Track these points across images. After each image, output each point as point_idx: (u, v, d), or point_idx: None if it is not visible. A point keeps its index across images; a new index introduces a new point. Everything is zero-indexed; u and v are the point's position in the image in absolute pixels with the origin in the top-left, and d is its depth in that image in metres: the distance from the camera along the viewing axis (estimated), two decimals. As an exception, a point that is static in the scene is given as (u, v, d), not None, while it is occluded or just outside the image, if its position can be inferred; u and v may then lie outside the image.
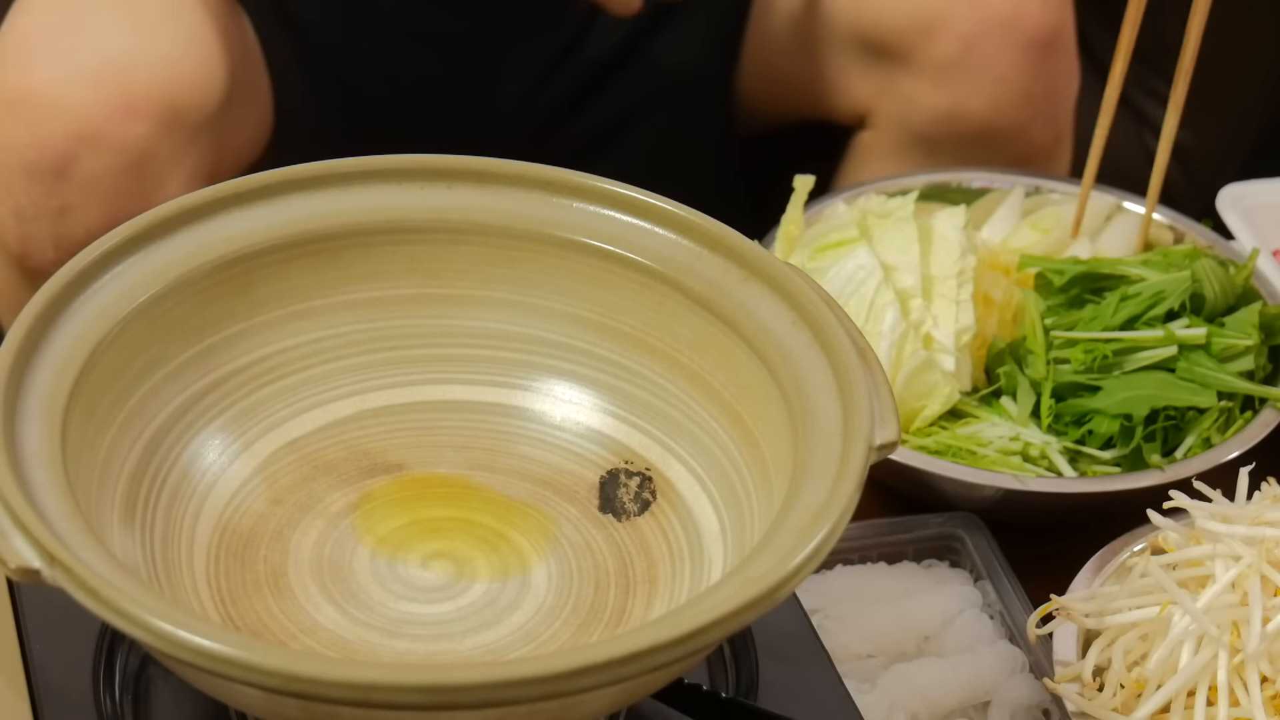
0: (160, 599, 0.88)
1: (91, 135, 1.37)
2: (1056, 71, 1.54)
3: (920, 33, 1.51)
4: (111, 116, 1.37)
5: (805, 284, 0.98)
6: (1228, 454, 1.23)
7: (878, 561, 1.22)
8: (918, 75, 1.52)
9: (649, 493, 1.01)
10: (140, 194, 1.39)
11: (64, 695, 0.97)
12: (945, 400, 1.26)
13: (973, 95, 1.52)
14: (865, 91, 1.57)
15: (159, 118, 1.38)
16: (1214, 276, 1.32)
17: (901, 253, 1.28)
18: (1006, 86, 1.52)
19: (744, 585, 0.83)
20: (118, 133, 1.37)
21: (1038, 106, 1.54)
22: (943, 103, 1.52)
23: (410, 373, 1.05)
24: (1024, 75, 1.52)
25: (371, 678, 0.78)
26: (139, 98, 1.37)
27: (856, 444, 0.90)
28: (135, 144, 1.38)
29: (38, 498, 0.85)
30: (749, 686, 1.01)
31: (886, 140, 1.58)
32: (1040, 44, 1.51)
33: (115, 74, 1.37)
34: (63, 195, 1.39)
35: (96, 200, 1.39)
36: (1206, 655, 1.01)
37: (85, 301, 0.95)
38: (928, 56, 1.51)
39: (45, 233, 1.40)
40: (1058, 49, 1.53)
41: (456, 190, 1.04)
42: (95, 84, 1.37)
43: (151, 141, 1.39)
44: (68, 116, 1.37)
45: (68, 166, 1.38)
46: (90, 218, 1.39)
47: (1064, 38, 1.54)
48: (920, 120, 1.54)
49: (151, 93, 1.38)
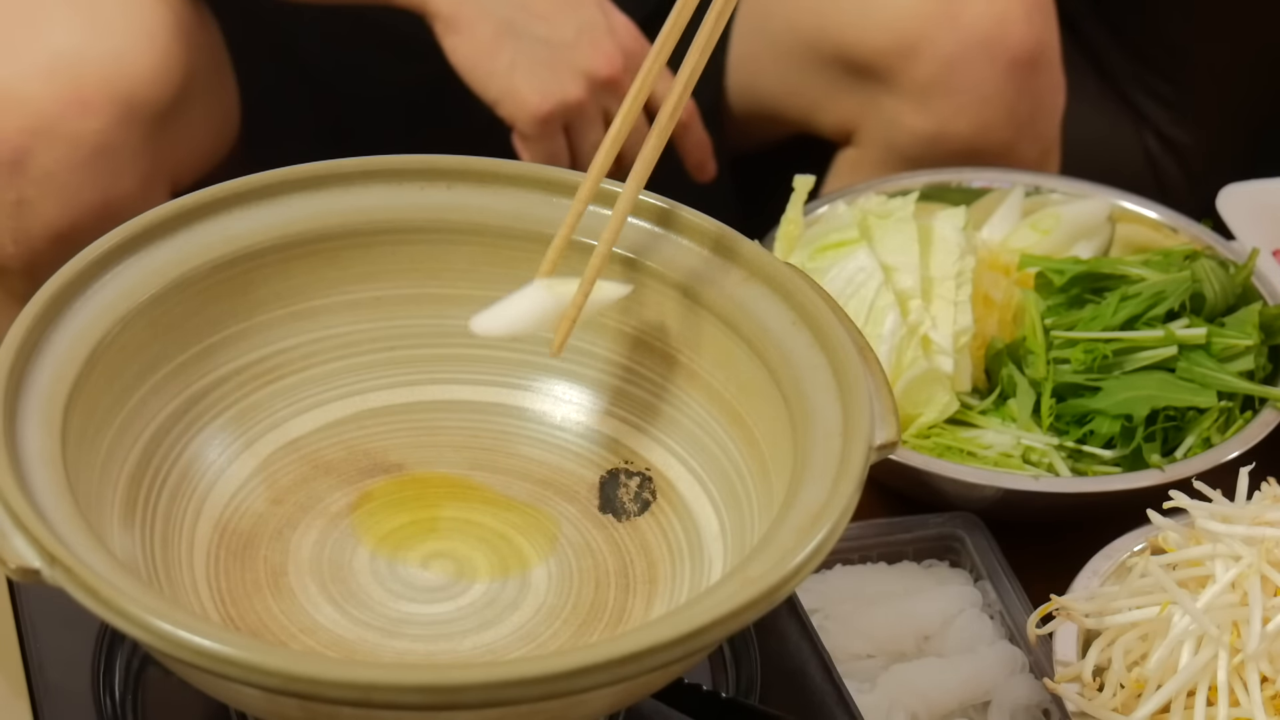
0: (160, 599, 0.88)
1: (45, 129, 1.37)
2: (1041, 89, 1.53)
3: (901, 55, 1.50)
4: (65, 110, 1.37)
5: (805, 284, 0.98)
6: (1228, 454, 1.23)
7: (878, 561, 1.22)
8: (901, 96, 1.52)
9: (649, 493, 1.01)
10: (97, 188, 1.39)
11: (64, 695, 0.97)
12: (943, 410, 1.26)
13: (956, 117, 1.51)
14: (849, 109, 1.56)
15: (112, 112, 1.38)
16: (1214, 276, 1.32)
17: (901, 253, 1.28)
18: (991, 107, 1.51)
19: (744, 585, 0.83)
20: (71, 126, 1.37)
21: (1023, 125, 1.53)
22: (927, 124, 1.52)
23: (410, 373, 1.05)
24: (1008, 95, 1.51)
25: (371, 678, 0.78)
26: (91, 91, 1.37)
27: (856, 444, 0.90)
28: (89, 138, 1.38)
29: (38, 498, 0.85)
30: (749, 686, 1.01)
31: (871, 157, 1.57)
32: (1024, 63, 1.50)
33: (67, 68, 1.37)
34: (19, 189, 1.39)
35: (53, 194, 1.39)
36: (1206, 655, 1.01)
37: (85, 301, 0.95)
38: (910, 78, 1.50)
39: (3, 227, 1.40)
40: (1041, 66, 1.52)
41: (456, 190, 1.04)
42: (47, 78, 1.37)
43: (106, 136, 1.38)
44: (20, 110, 1.37)
45: (22, 160, 1.38)
46: (47, 212, 1.39)
47: (1048, 55, 1.52)
48: (905, 140, 1.53)
49: (104, 86, 1.38)
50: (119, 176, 1.40)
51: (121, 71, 1.39)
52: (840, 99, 1.56)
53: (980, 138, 1.52)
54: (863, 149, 1.58)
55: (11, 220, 1.40)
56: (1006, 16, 1.48)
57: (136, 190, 1.42)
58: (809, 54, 1.55)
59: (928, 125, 1.51)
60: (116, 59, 1.39)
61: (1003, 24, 1.48)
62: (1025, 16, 1.49)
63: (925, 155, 1.52)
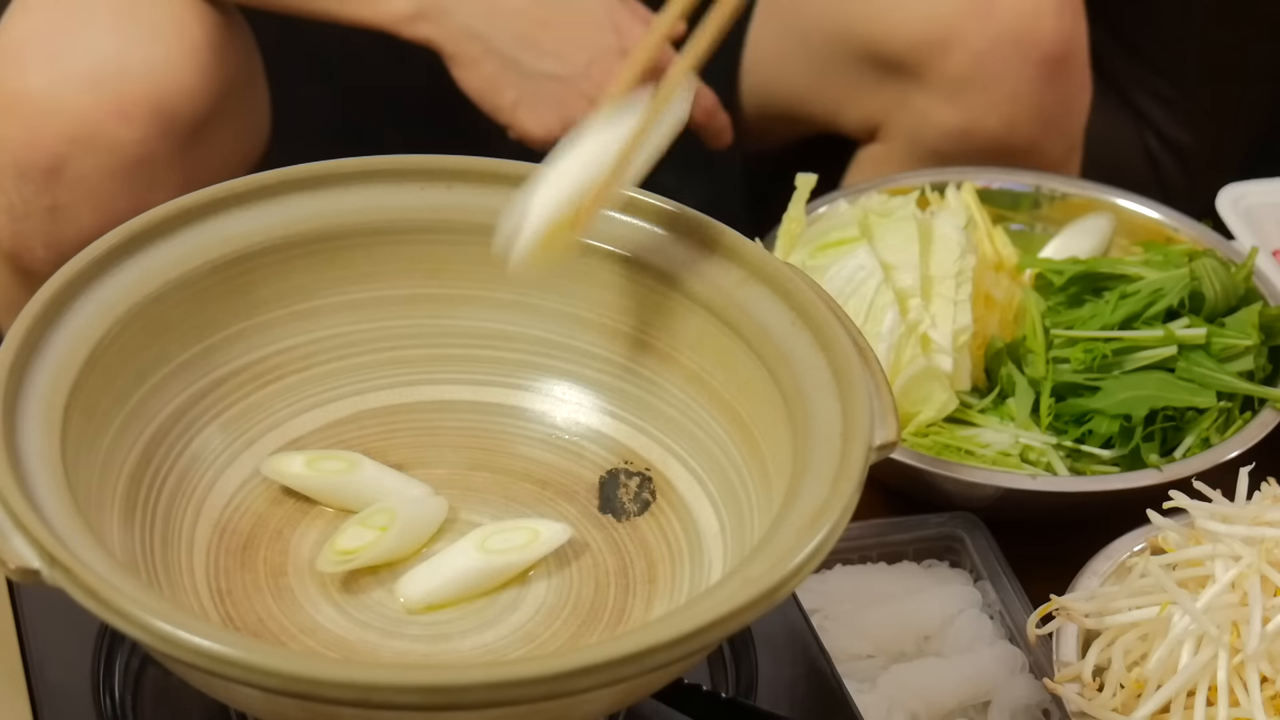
0: (160, 599, 0.88)
1: (84, 137, 1.38)
2: (1070, 86, 1.53)
3: (933, 48, 1.49)
4: (105, 119, 1.38)
5: (805, 284, 0.98)
6: (1227, 454, 1.23)
7: (878, 561, 1.22)
8: (931, 91, 1.51)
9: (649, 493, 1.01)
10: (132, 197, 1.40)
11: (64, 695, 0.97)
12: (941, 408, 1.26)
13: (987, 112, 1.50)
14: (877, 105, 1.56)
15: (152, 122, 1.39)
16: (1214, 276, 1.32)
17: (901, 252, 1.28)
18: (1021, 103, 1.50)
19: (744, 585, 0.83)
20: (110, 135, 1.38)
21: (1051, 122, 1.53)
22: (956, 119, 1.51)
23: (410, 373, 1.05)
24: (1038, 91, 1.50)
25: (371, 678, 0.78)
26: (132, 102, 1.38)
27: (856, 444, 0.90)
28: (127, 147, 1.39)
29: (38, 498, 0.85)
30: (749, 686, 1.01)
31: (896, 154, 1.57)
32: (1054, 59, 1.49)
33: (109, 78, 1.38)
34: (54, 195, 1.40)
35: (88, 201, 1.40)
36: (1206, 655, 1.01)
37: (85, 301, 0.95)
38: (941, 72, 1.50)
39: (36, 231, 1.42)
40: (1071, 64, 1.51)
41: (456, 190, 1.04)
42: (89, 87, 1.38)
43: (144, 145, 1.39)
44: (61, 118, 1.38)
45: (60, 167, 1.38)
46: (81, 218, 1.40)
47: (1077, 52, 1.52)
48: (933, 136, 1.53)
49: (145, 97, 1.39)
50: (153, 186, 1.41)
51: (162, 82, 1.39)
52: (868, 95, 1.56)
53: (1008, 134, 1.51)
54: (888, 145, 1.57)
55: (44, 225, 1.41)
56: (1040, 11, 1.48)
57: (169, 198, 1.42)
58: (838, 50, 1.55)
59: (957, 120, 1.51)
60: (158, 70, 1.39)
61: (1036, 18, 1.48)
62: (1057, 11, 1.49)
63: (952, 151, 1.52)
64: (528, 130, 1.47)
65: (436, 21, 1.44)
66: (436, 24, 1.44)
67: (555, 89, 1.46)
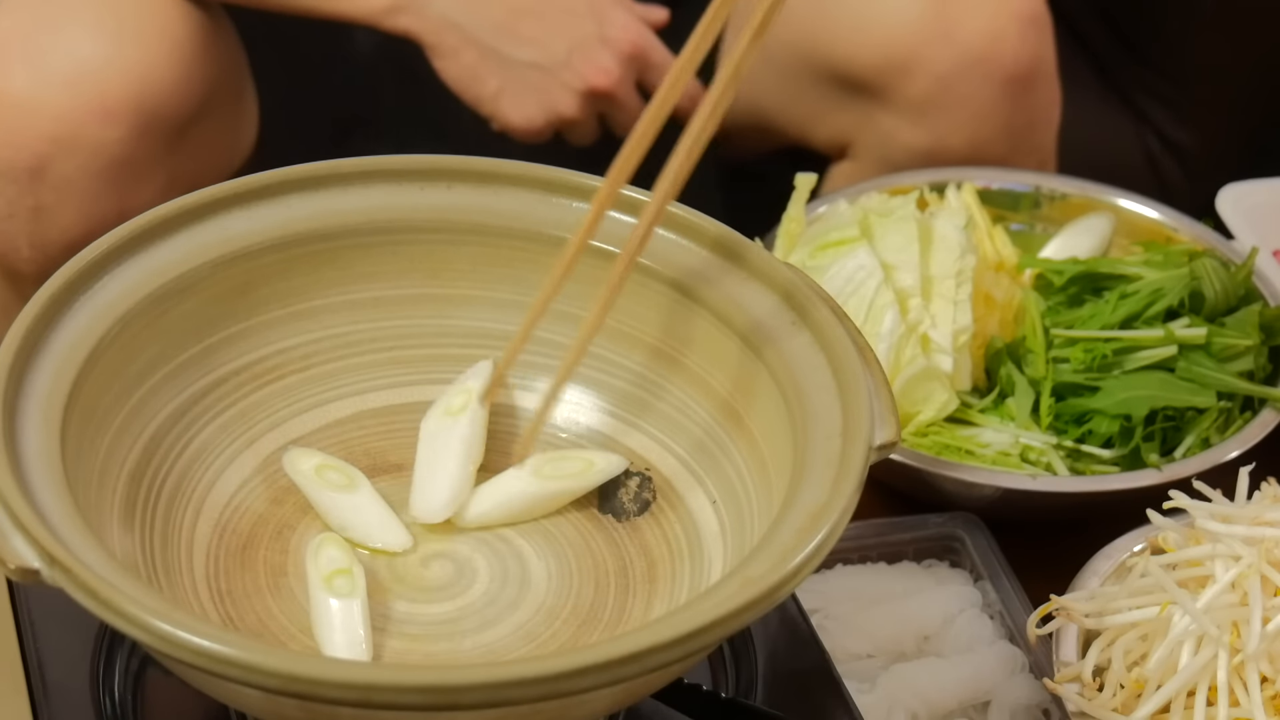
0: (160, 599, 0.88)
1: (66, 138, 1.38)
2: (1037, 104, 1.53)
3: (896, 72, 1.49)
4: (87, 120, 1.38)
5: (805, 284, 0.98)
6: (1227, 454, 1.23)
7: (878, 561, 1.22)
8: (896, 113, 1.51)
9: (649, 493, 1.01)
10: (116, 197, 1.40)
11: (64, 695, 0.97)
12: (941, 408, 1.26)
13: (953, 133, 1.51)
14: (844, 124, 1.56)
15: (134, 123, 1.39)
16: (1215, 276, 1.32)
17: (901, 252, 1.28)
18: (986, 124, 1.50)
19: (744, 585, 0.83)
20: (93, 136, 1.38)
21: (1019, 139, 1.53)
22: (922, 139, 1.51)
23: (410, 373, 1.05)
24: (1003, 111, 1.50)
25: (371, 678, 0.79)
26: (114, 102, 1.38)
27: (856, 444, 0.90)
28: (110, 148, 1.39)
29: (38, 498, 0.85)
30: (749, 686, 1.01)
31: (867, 171, 1.56)
32: (1018, 79, 1.49)
33: (91, 78, 1.38)
34: (38, 195, 1.40)
35: (71, 202, 1.40)
36: (1206, 655, 1.01)
37: (85, 301, 0.95)
38: (904, 95, 1.50)
39: (21, 231, 1.41)
40: (1037, 82, 1.51)
41: (456, 190, 1.04)
42: (71, 87, 1.38)
43: (127, 146, 1.39)
44: (43, 119, 1.38)
45: (43, 168, 1.38)
46: (64, 219, 1.40)
47: (1043, 70, 1.52)
48: (900, 155, 1.53)
49: (127, 97, 1.38)
50: (137, 186, 1.41)
51: (145, 82, 1.39)
52: (835, 114, 1.56)
53: (976, 153, 1.51)
54: (857, 163, 1.58)
55: (29, 226, 1.41)
56: (1001, 34, 1.48)
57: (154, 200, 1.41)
58: (804, 69, 1.55)
59: (923, 140, 1.51)
60: (141, 70, 1.39)
61: (997, 41, 1.48)
62: (1019, 33, 1.49)
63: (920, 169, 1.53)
64: (510, 120, 1.47)
65: (416, 13, 1.45)
66: (416, 15, 1.45)
67: (537, 78, 1.47)
